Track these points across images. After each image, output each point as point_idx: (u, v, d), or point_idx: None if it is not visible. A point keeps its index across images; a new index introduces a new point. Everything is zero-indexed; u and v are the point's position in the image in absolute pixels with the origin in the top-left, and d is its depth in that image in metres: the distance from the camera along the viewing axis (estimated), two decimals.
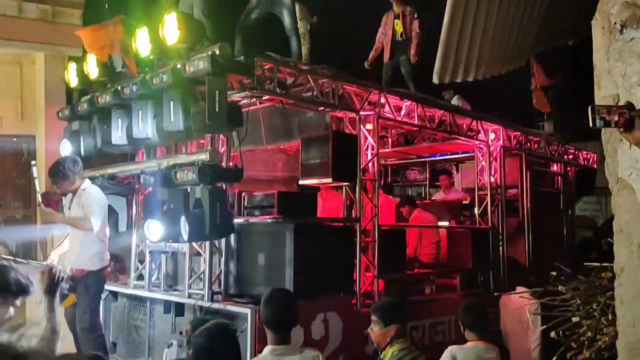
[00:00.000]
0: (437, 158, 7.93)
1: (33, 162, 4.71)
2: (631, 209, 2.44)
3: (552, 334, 3.38)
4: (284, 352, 2.70)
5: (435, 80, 3.24)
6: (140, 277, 5.09)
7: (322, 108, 4.75)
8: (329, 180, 4.62)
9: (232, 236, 4.37)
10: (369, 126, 4.94)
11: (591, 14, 2.71)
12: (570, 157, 7.80)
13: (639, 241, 2.43)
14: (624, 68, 2.46)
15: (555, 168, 7.59)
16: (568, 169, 7.70)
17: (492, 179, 6.27)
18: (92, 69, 4.82)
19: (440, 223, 6.29)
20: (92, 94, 4.85)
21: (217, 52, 3.81)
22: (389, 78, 6.71)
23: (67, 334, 4.31)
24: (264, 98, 4.40)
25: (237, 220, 4.37)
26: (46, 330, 2.69)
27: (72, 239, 4.57)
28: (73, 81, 5.16)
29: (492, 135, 6.38)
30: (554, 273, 3.51)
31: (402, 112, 5.29)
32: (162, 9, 4.27)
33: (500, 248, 6.18)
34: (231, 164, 4.26)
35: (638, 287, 2.44)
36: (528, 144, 6.89)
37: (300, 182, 4.86)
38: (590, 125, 1.76)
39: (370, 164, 4.90)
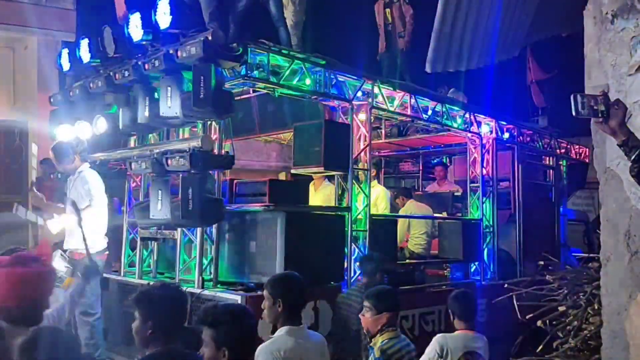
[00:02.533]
0: (430, 150, 7.95)
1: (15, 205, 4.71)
2: (618, 198, 2.47)
3: (539, 323, 3.42)
4: (300, 335, 2.73)
5: (428, 69, 3.24)
6: (131, 263, 5.10)
7: (315, 97, 4.74)
8: (321, 169, 4.62)
9: (224, 223, 4.37)
10: (362, 116, 4.94)
11: (584, 5, 2.72)
12: (563, 151, 7.84)
13: (625, 230, 2.45)
14: (614, 58, 2.48)
15: (547, 161, 7.62)
16: (560, 162, 7.75)
17: (485, 171, 6.29)
18: (85, 54, 4.78)
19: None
20: (85, 79, 4.82)
21: (209, 37, 3.79)
22: (387, 69, 6.67)
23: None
24: (256, 86, 4.39)
25: (229, 208, 4.37)
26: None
27: (70, 222, 4.55)
28: (65, 66, 5.12)
29: (485, 128, 6.40)
30: (542, 263, 3.55)
31: (395, 103, 5.29)
32: None
33: (492, 240, 6.22)
34: (223, 151, 4.25)
35: (623, 276, 2.47)
36: (520, 137, 6.91)
37: (293, 170, 4.86)
38: (573, 113, 1.77)
39: (362, 154, 4.90)
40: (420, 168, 8.53)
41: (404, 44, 6.55)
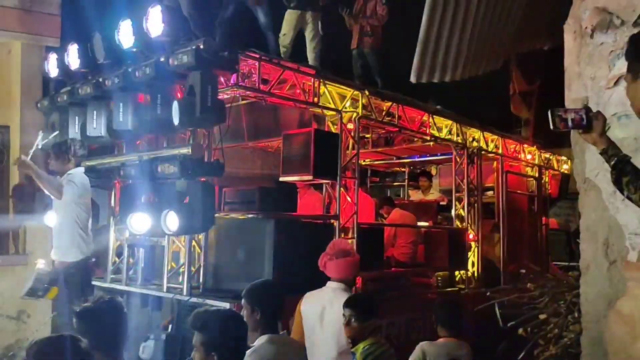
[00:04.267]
0: (416, 159, 8.05)
1: None
2: (597, 208, 2.54)
3: (521, 331, 3.49)
4: (281, 342, 2.72)
5: (412, 79, 3.31)
6: (117, 270, 5.07)
7: (304, 106, 4.79)
8: (310, 177, 4.66)
9: (212, 231, 4.37)
10: (350, 125, 5.00)
11: (565, 19, 2.82)
12: (546, 162, 8.00)
13: (604, 239, 2.53)
14: (593, 71, 2.57)
15: (530, 172, 7.77)
16: (542, 173, 7.90)
17: (469, 181, 6.39)
18: (73, 60, 4.78)
19: (419, 223, 6.39)
20: (73, 85, 4.81)
21: (202, 46, 3.82)
22: (360, 67, 6.70)
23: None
24: (246, 94, 4.43)
25: (218, 215, 4.38)
26: None
27: (54, 230, 4.51)
28: (53, 71, 5.10)
29: (470, 138, 6.51)
30: (524, 271, 3.62)
31: (383, 113, 5.37)
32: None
33: (476, 249, 6.31)
34: (212, 159, 4.27)
35: (602, 284, 2.54)
36: (505, 148, 7.05)
37: (281, 178, 4.88)
38: (551, 127, 1.85)
39: (350, 163, 4.96)
40: (407, 177, 8.62)
41: (373, 43, 6.56)
